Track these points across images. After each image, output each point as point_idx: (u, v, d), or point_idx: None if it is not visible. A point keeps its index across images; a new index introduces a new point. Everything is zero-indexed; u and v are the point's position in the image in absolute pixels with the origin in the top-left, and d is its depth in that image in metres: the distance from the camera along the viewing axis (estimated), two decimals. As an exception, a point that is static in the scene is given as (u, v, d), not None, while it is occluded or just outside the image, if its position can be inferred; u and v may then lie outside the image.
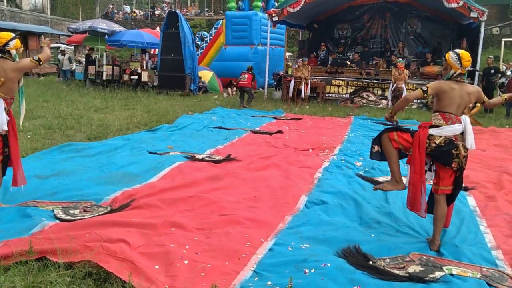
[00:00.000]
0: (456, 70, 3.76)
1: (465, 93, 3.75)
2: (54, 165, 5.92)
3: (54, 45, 24.39)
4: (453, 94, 3.72)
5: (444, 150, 3.72)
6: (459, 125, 3.74)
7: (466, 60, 3.72)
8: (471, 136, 3.73)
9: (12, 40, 4.22)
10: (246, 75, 13.58)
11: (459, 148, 3.72)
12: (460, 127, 3.74)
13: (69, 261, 3.17)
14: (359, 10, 17.77)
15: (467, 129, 3.73)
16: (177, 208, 4.49)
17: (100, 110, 11.25)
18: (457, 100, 3.74)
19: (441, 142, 3.73)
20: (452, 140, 3.73)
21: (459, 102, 3.75)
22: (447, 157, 3.72)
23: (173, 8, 34.72)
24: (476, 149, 7.91)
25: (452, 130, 3.74)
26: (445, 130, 3.74)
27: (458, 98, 3.73)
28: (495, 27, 25.22)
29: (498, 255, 3.72)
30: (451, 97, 3.73)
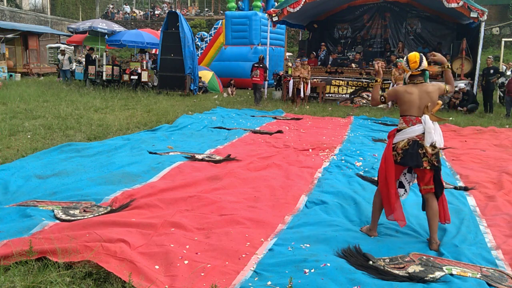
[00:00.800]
0: (407, 73, 3.92)
1: (425, 93, 3.83)
2: (54, 165, 5.91)
3: (54, 45, 24.43)
4: (411, 97, 3.85)
5: (410, 152, 3.80)
6: (419, 125, 3.82)
7: (413, 62, 3.83)
8: (430, 134, 3.75)
9: None
10: (258, 71, 13.78)
11: (425, 147, 3.78)
12: (420, 127, 3.81)
13: (69, 261, 3.16)
14: (359, 10, 17.77)
15: (426, 127, 3.77)
16: (177, 208, 4.49)
17: (100, 110, 11.25)
18: (416, 102, 3.84)
19: (405, 145, 3.83)
20: (416, 140, 3.81)
21: (419, 104, 3.84)
22: (415, 158, 3.79)
23: (173, 8, 34.73)
24: (476, 149, 7.95)
25: (412, 131, 3.83)
26: (407, 132, 3.85)
27: (418, 100, 3.84)
28: (495, 27, 25.21)
29: (498, 255, 3.72)
30: (409, 101, 3.85)
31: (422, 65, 3.84)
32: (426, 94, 3.84)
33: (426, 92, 3.84)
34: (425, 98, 3.84)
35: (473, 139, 9.05)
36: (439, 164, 3.84)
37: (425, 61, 3.86)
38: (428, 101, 3.83)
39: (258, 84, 14.04)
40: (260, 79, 13.93)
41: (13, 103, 11.37)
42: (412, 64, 3.85)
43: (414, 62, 3.83)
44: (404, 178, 4.05)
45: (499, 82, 14.42)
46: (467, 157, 7.40)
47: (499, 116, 12.73)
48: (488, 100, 13.55)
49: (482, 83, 13.75)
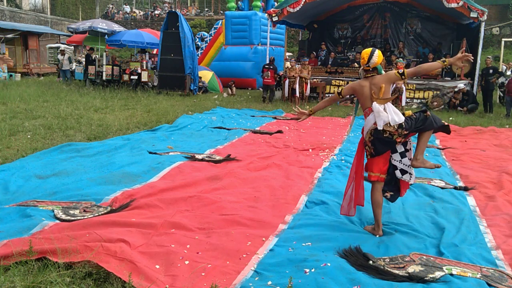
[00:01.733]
0: (361, 68, 4.07)
1: (373, 85, 3.94)
2: (54, 165, 5.91)
3: (54, 45, 24.43)
4: (363, 91, 3.99)
5: (376, 139, 3.92)
6: (372, 113, 3.94)
7: (362, 58, 3.98)
8: (380, 118, 3.85)
9: None
10: (269, 72, 14.64)
11: (386, 130, 3.86)
12: (372, 115, 3.93)
13: (69, 261, 3.16)
14: (359, 10, 17.77)
15: (375, 112, 3.88)
16: (177, 208, 4.49)
17: (100, 110, 11.25)
18: (368, 94, 3.97)
19: (369, 136, 3.96)
20: (375, 128, 3.91)
21: (369, 95, 3.97)
22: (386, 143, 3.92)
23: (173, 8, 34.73)
24: (476, 149, 7.95)
25: (369, 122, 3.97)
26: (366, 125, 4.01)
27: (368, 92, 3.97)
28: (495, 27, 25.22)
29: (498, 255, 3.71)
30: (363, 94, 4.01)
31: (371, 62, 3.93)
32: (374, 86, 3.94)
33: (374, 83, 3.94)
34: (373, 88, 3.95)
35: (473, 139, 9.05)
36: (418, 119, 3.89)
37: (375, 57, 3.92)
38: (376, 90, 3.93)
39: (269, 85, 14.89)
40: (271, 80, 14.78)
41: (13, 103, 11.37)
42: (361, 60, 4.01)
43: (363, 58, 3.98)
44: (394, 159, 4.06)
45: (499, 82, 14.42)
46: (467, 157, 7.40)
47: (499, 116, 12.73)
48: (488, 100, 13.56)
49: (482, 83, 13.75)
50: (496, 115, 12.95)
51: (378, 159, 4.00)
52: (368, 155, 4.07)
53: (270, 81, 14.82)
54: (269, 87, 14.95)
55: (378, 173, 4.03)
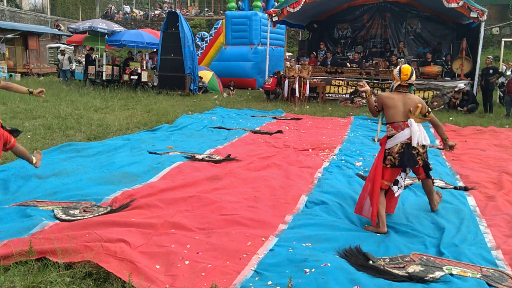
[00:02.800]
0: (396, 82, 4.33)
1: (408, 99, 4.29)
2: (54, 165, 5.91)
3: (54, 45, 24.42)
4: (395, 103, 4.27)
5: (406, 153, 4.21)
6: (408, 129, 4.22)
7: (404, 74, 4.27)
8: (415, 135, 4.17)
9: None
10: (271, 79, 15.33)
11: (417, 148, 4.22)
12: (409, 131, 4.21)
13: (69, 261, 3.16)
14: (359, 10, 17.76)
15: (412, 129, 4.18)
16: (177, 208, 4.49)
17: (100, 110, 11.25)
18: (401, 108, 4.27)
19: (399, 149, 4.23)
20: (408, 143, 4.22)
21: (403, 110, 4.26)
22: (411, 159, 4.24)
23: (173, 8, 34.73)
24: (476, 149, 7.95)
25: (403, 135, 4.22)
26: (398, 137, 4.24)
27: (402, 106, 4.26)
28: (495, 27, 25.22)
29: (498, 255, 3.72)
30: (394, 106, 4.28)
31: (411, 79, 4.29)
32: (409, 100, 4.28)
33: (409, 98, 4.29)
34: (408, 104, 4.26)
35: (473, 139, 9.05)
36: (427, 159, 4.44)
37: (414, 76, 4.31)
38: (410, 105, 4.25)
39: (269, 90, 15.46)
40: (271, 86, 15.27)
41: (13, 103, 11.37)
42: (403, 76, 4.28)
43: (405, 75, 4.27)
44: (400, 177, 4.38)
45: (499, 82, 14.42)
46: (467, 157, 7.40)
47: (499, 116, 12.73)
48: (488, 100, 13.55)
49: (482, 83, 13.75)
50: (496, 115, 12.95)
51: (395, 170, 4.29)
52: (388, 164, 4.27)
53: (269, 87, 15.29)
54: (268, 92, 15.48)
55: (388, 182, 4.32)
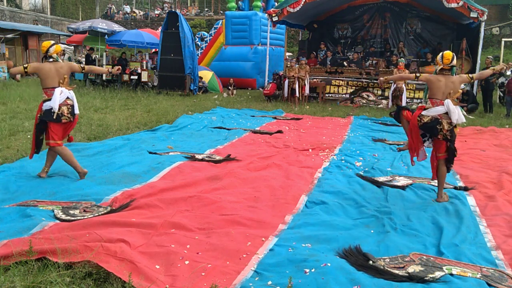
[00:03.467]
0: (439, 66, 4.98)
1: (450, 83, 4.94)
2: (54, 165, 5.90)
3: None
4: (439, 84, 4.96)
5: (430, 125, 4.98)
6: (442, 107, 4.91)
7: (446, 59, 4.92)
8: (454, 113, 4.85)
9: (52, 46, 5.44)
10: (270, 85, 15.49)
11: (442, 124, 4.90)
12: (443, 108, 4.90)
13: (69, 261, 3.16)
14: (359, 10, 17.76)
15: (450, 109, 4.86)
16: (177, 208, 4.49)
17: (100, 110, 11.25)
18: (442, 89, 4.95)
19: (428, 120, 4.98)
20: (437, 118, 4.92)
21: (443, 90, 4.94)
22: (433, 130, 5.00)
23: (173, 8, 34.73)
24: (476, 149, 7.96)
25: (436, 111, 4.94)
26: (432, 111, 4.96)
27: (443, 87, 4.94)
28: (495, 27, 25.21)
29: (498, 255, 3.72)
30: (437, 87, 4.97)
31: (452, 63, 4.93)
32: (451, 83, 4.93)
33: (451, 81, 4.95)
34: (450, 87, 4.92)
35: (473, 139, 9.05)
36: (452, 137, 4.95)
37: (455, 60, 4.96)
38: (452, 89, 4.92)
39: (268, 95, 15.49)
40: (269, 91, 15.38)
41: (13, 103, 11.37)
42: (445, 60, 4.93)
43: (447, 59, 4.92)
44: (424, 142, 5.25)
45: (499, 82, 14.41)
46: (467, 157, 7.40)
47: (499, 116, 12.73)
48: (488, 100, 13.54)
49: (482, 83, 13.74)
50: (496, 115, 12.94)
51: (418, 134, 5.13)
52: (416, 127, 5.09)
53: (268, 92, 15.40)
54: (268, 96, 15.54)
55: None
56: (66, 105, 5.33)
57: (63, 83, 5.38)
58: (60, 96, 5.28)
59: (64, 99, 5.32)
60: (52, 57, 5.47)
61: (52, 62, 5.47)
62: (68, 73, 5.53)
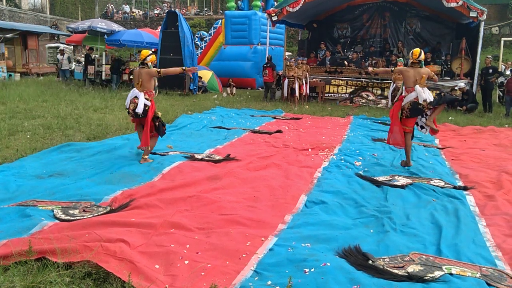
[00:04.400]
0: (410, 60, 6.45)
1: (417, 73, 6.33)
2: (53, 165, 5.92)
3: (54, 45, 24.40)
4: (409, 74, 6.38)
5: (413, 108, 6.31)
6: (414, 92, 6.28)
7: (414, 55, 6.37)
8: (422, 95, 6.19)
9: (149, 56, 6.37)
10: (267, 70, 15.18)
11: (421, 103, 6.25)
12: (414, 94, 6.27)
13: (68, 261, 3.16)
14: (358, 9, 17.76)
15: (418, 91, 6.22)
16: (177, 208, 4.49)
17: (100, 109, 11.25)
18: (412, 78, 6.34)
19: (409, 105, 6.33)
20: (414, 101, 6.27)
21: (413, 79, 6.33)
22: (418, 111, 6.33)
23: (173, 7, 34.71)
24: (475, 149, 7.96)
25: (410, 97, 6.32)
26: (407, 98, 6.35)
27: (413, 76, 6.34)
28: (494, 26, 25.21)
29: (497, 255, 3.72)
30: (408, 77, 6.38)
31: (420, 58, 6.35)
32: (418, 73, 6.33)
33: (418, 72, 6.34)
34: (418, 75, 6.32)
35: (472, 139, 9.05)
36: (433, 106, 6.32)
37: (422, 55, 6.38)
38: (419, 77, 6.29)
39: (268, 83, 15.40)
40: (269, 77, 15.21)
41: (12, 103, 11.36)
42: (413, 56, 6.38)
43: (415, 55, 6.37)
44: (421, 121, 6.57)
45: (499, 81, 14.41)
46: (467, 156, 7.41)
47: (498, 115, 12.74)
48: (487, 99, 13.55)
49: (481, 82, 13.74)
50: (496, 114, 12.95)
51: (411, 120, 6.45)
52: (404, 115, 6.40)
53: (268, 79, 15.25)
54: (267, 84, 15.40)
55: (410, 127, 6.48)
56: (133, 103, 6.29)
57: (138, 85, 6.38)
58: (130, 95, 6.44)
59: (133, 97, 6.34)
60: (147, 64, 6.37)
61: (141, 68, 6.40)
62: (145, 78, 6.37)
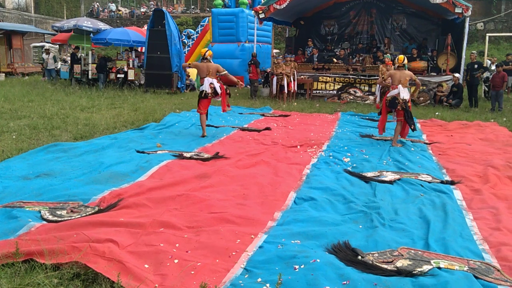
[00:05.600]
0: (397, 64, 8.06)
1: (402, 74, 7.89)
2: (40, 165, 5.85)
3: (39, 44, 24.10)
4: (396, 76, 7.93)
5: (391, 101, 7.98)
6: (396, 90, 7.89)
7: (400, 60, 8.02)
8: (403, 93, 7.83)
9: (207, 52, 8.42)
10: (251, 67, 15.31)
11: (398, 99, 7.85)
12: (396, 91, 7.88)
13: (56, 262, 3.13)
14: (345, 6, 17.80)
15: (400, 90, 7.84)
16: (165, 207, 4.47)
17: (86, 109, 11.15)
18: (397, 79, 7.89)
19: (390, 98, 8.01)
20: (394, 97, 7.91)
21: (399, 79, 7.87)
22: (394, 104, 7.95)
23: (159, 5, 34.49)
24: (462, 143, 8.05)
25: (393, 92, 7.95)
26: (391, 93, 7.99)
27: (398, 78, 7.88)
28: (479, 22, 25.48)
29: (484, 248, 3.77)
30: (395, 78, 7.95)
31: (404, 62, 8.01)
32: (403, 75, 7.90)
33: (403, 74, 7.91)
34: (402, 77, 7.87)
35: (459, 134, 9.15)
36: (406, 107, 7.82)
37: (406, 60, 8.11)
38: (405, 78, 7.85)
39: (252, 80, 15.49)
40: (253, 74, 15.34)
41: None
42: (399, 62, 8.02)
43: (400, 61, 8.01)
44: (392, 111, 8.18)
45: (484, 77, 14.57)
46: (453, 151, 7.48)
47: (484, 110, 12.89)
48: (473, 94, 13.71)
49: (467, 78, 13.89)
50: (481, 109, 13.11)
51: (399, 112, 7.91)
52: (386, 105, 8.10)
53: (251, 76, 15.40)
54: (252, 81, 15.48)
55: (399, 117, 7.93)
56: (210, 87, 8.27)
57: (209, 74, 8.22)
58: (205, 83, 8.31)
59: (208, 83, 8.25)
60: (207, 58, 8.30)
61: (205, 62, 8.30)
62: (214, 70, 8.25)
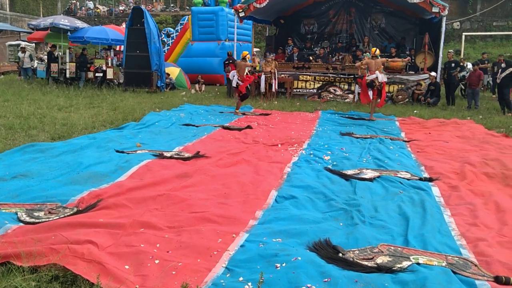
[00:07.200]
0: (371, 54, 10.70)
1: (377, 62, 10.38)
2: (16, 166, 5.72)
3: (14, 43, 23.60)
4: (372, 64, 10.42)
5: (369, 83, 10.48)
6: (374, 75, 10.36)
7: (372, 51, 10.78)
8: (379, 76, 10.32)
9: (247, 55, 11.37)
10: (230, 67, 14.82)
11: (374, 82, 10.39)
12: (374, 76, 10.36)
13: (34, 265, 3.07)
14: (325, 5, 17.91)
15: (377, 75, 10.33)
16: (146, 207, 4.43)
17: (64, 108, 10.97)
18: (373, 66, 10.39)
19: (368, 81, 10.47)
20: (372, 80, 10.38)
21: (374, 66, 10.37)
22: (372, 85, 10.42)
23: (138, 3, 34.11)
24: (439, 141, 8.19)
25: (371, 77, 10.43)
26: (369, 77, 10.47)
27: (374, 65, 10.38)
28: (455, 21, 25.95)
29: (462, 243, 3.84)
30: (371, 65, 10.42)
31: (376, 53, 10.63)
32: (377, 63, 10.42)
33: (377, 62, 10.43)
34: (377, 64, 10.40)
35: (436, 131, 9.30)
36: (380, 87, 10.51)
37: (378, 51, 10.85)
38: (379, 65, 10.36)
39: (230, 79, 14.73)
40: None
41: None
42: (372, 52, 10.70)
43: (373, 52, 10.72)
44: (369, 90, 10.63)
45: (460, 75, 14.85)
46: (431, 148, 7.60)
47: (460, 108, 13.14)
48: (450, 93, 13.97)
49: (444, 76, 14.15)
50: (458, 107, 13.36)
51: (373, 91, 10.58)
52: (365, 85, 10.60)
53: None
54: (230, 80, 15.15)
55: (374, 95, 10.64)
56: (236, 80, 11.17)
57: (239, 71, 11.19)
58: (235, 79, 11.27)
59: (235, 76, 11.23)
60: (245, 58, 11.29)
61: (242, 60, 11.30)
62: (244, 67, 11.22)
